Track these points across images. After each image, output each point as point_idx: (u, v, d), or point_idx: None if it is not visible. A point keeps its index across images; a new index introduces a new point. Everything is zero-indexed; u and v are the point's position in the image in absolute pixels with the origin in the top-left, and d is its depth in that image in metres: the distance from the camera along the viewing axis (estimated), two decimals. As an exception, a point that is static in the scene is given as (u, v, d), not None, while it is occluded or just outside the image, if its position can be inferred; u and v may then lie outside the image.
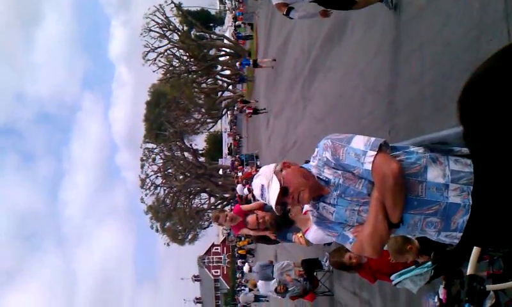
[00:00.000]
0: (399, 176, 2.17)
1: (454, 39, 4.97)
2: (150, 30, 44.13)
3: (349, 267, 5.13)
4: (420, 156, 2.31)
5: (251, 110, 33.74)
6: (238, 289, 47.92)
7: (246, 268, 31.45)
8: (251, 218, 5.93)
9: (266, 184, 2.48)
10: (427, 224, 2.29)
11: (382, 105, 7.17)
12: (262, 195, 2.52)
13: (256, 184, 2.56)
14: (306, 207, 2.82)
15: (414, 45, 5.97)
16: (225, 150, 67.04)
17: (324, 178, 2.43)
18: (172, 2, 45.11)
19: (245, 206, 6.85)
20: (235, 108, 46.39)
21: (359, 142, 2.30)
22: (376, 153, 2.21)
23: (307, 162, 7.61)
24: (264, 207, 6.23)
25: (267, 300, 28.18)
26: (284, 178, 2.45)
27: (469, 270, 3.26)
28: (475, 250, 3.20)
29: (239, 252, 48.91)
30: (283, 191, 2.42)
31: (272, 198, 2.44)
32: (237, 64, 38.05)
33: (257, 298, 30.76)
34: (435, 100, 5.33)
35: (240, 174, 35.51)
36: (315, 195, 2.47)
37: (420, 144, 3.08)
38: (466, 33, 4.72)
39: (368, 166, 2.22)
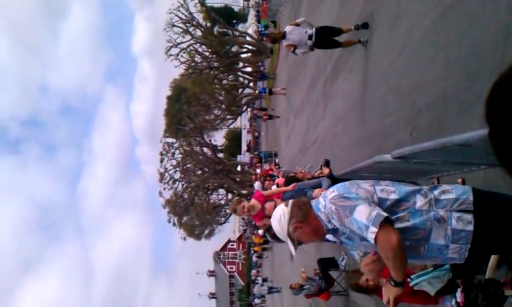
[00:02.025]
0: (398, 248, 2.38)
1: (480, 40, 4.90)
2: (174, 25, 44.38)
3: (367, 289, 5.07)
4: (424, 219, 2.52)
5: (267, 117, 39.65)
6: (254, 279, 48.45)
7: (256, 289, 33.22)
8: (269, 205, 5.94)
9: (283, 238, 2.81)
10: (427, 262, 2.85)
11: (404, 106, 7.10)
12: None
13: (274, 227, 2.85)
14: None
15: (440, 45, 5.90)
16: (244, 147, 67.12)
17: (333, 226, 2.67)
18: (196, -3, 45.28)
19: (266, 192, 6.87)
20: (254, 111, 47.28)
21: (361, 215, 2.46)
22: (377, 229, 2.38)
23: (327, 161, 7.57)
24: (283, 195, 6.24)
25: (280, 292, 28.43)
26: (297, 239, 2.76)
27: (487, 275, 3.23)
28: (494, 255, 3.17)
29: (255, 249, 49.09)
30: (298, 243, 2.78)
31: (291, 248, 2.80)
32: (257, 91, 43.40)
33: (270, 289, 31.64)
34: (459, 102, 5.26)
35: (258, 171, 35.49)
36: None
37: (442, 147, 3.07)
38: (493, 34, 4.65)
39: (371, 240, 2.42)
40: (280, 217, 2.77)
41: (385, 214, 2.41)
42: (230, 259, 75.13)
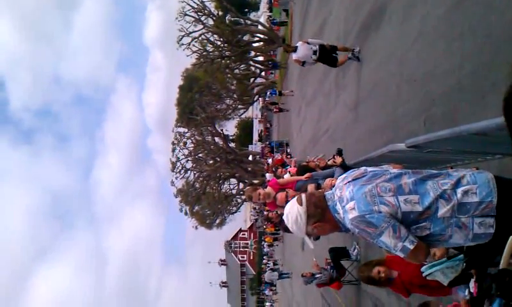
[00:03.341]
0: (424, 259, 2.70)
1: (495, 29, 4.85)
2: (185, 14, 44.33)
3: (379, 282, 5.06)
4: (445, 226, 2.48)
5: (278, 110, 42.63)
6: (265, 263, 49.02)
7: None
8: (280, 195, 5.96)
9: (300, 235, 2.81)
10: None
11: (418, 95, 7.05)
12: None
13: (288, 225, 2.82)
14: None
15: (454, 34, 5.84)
16: (256, 136, 67.10)
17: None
18: (208, -14, 45.16)
19: (281, 180, 6.90)
20: (266, 102, 48.06)
21: (388, 242, 2.49)
22: (405, 255, 2.50)
23: (339, 150, 7.51)
24: (296, 184, 6.25)
25: (290, 277, 28.59)
26: (316, 234, 2.85)
27: (502, 265, 3.21)
28: (509, 244, 3.15)
29: (266, 239, 49.24)
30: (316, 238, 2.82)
31: (309, 244, 2.84)
32: (268, 92, 45.13)
33: (281, 275, 32.01)
34: (473, 91, 5.22)
35: (270, 160, 35.50)
36: None
37: (457, 135, 3.05)
38: (508, 23, 4.60)
39: (401, 255, 2.52)
40: (297, 217, 2.69)
41: (411, 246, 2.47)
42: (241, 249, 75.45)
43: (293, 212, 2.71)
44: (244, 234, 75.97)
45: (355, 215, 2.49)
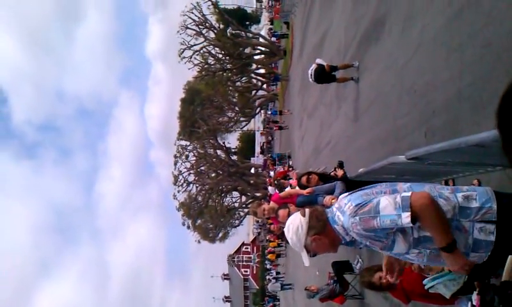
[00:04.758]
0: (433, 204, 2.37)
1: (495, 39, 4.83)
2: (187, 27, 44.59)
3: (380, 287, 5.03)
4: None
5: (277, 128, 45.03)
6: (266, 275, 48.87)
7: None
8: (282, 212, 5.91)
9: (298, 249, 2.77)
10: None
11: (419, 106, 7.03)
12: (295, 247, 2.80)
13: (288, 238, 2.80)
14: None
15: (454, 45, 5.83)
16: (258, 149, 67.07)
17: (351, 238, 2.65)
18: (209, 0, 45.43)
19: (283, 194, 6.86)
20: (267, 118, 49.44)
21: (388, 208, 2.41)
22: (409, 211, 2.35)
23: (340, 163, 7.51)
24: (297, 199, 6.20)
25: (292, 288, 28.44)
26: (313, 250, 2.75)
27: (504, 277, 3.17)
28: (511, 257, 3.11)
29: (269, 257, 49.02)
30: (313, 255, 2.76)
31: (305, 260, 2.77)
32: (269, 112, 48.38)
33: (283, 286, 31.92)
34: (474, 102, 5.19)
35: (272, 173, 35.48)
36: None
37: (457, 147, 3.01)
38: (507, 33, 4.58)
39: (408, 222, 2.36)
40: (298, 228, 2.71)
41: (408, 193, 2.41)
42: (244, 263, 75.07)
43: (295, 222, 2.75)
44: (247, 248, 75.63)
45: (352, 208, 2.54)
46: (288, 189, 10.21)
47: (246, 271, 74.84)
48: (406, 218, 2.35)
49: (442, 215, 2.39)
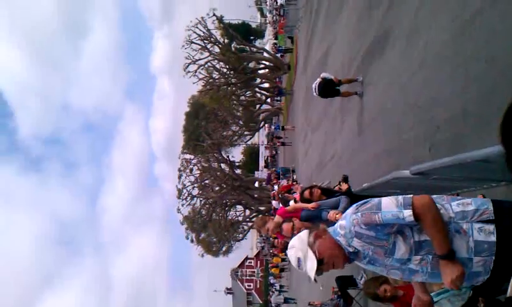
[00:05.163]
0: (434, 206, 2.43)
1: (499, 54, 4.84)
2: (192, 42, 44.85)
3: (383, 299, 5.07)
4: None
5: (280, 144, 46.40)
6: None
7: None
8: (286, 226, 5.91)
9: (302, 257, 2.66)
10: None
11: (423, 121, 7.03)
12: (299, 266, 2.69)
13: (292, 256, 2.73)
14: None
15: (458, 60, 5.85)
16: (262, 163, 67.08)
17: (354, 249, 2.61)
18: (214, 15, 45.79)
19: (289, 208, 6.86)
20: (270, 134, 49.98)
21: (389, 206, 2.46)
22: (411, 207, 2.40)
23: (345, 177, 7.51)
24: (301, 213, 6.19)
25: (295, 302, 28.22)
26: (318, 251, 2.64)
27: (509, 293, 3.14)
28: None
29: (272, 271, 48.87)
30: (319, 262, 2.61)
31: (310, 271, 2.62)
32: (272, 127, 49.49)
33: (286, 299, 31.70)
34: (478, 117, 5.19)
35: (276, 187, 35.44)
36: (347, 261, 2.71)
37: (461, 163, 3.01)
38: (512, 48, 4.59)
39: (410, 218, 2.39)
40: (299, 236, 2.75)
41: (410, 195, 2.46)
42: (247, 277, 74.66)
43: (297, 243, 2.75)
44: (251, 262, 75.26)
45: (353, 208, 2.59)
46: (292, 202, 10.21)
47: (250, 285, 74.39)
48: (407, 214, 2.39)
49: (442, 218, 2.43)
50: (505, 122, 0.96)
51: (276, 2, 46.90)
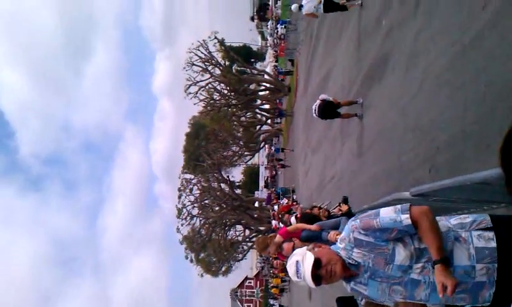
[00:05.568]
0: (431, 213, 2.49)
1: (498, 78, 4.93)
2: (193, 64, 45.23)
3: None
4: (444, 239, 2.49)
5: (280, 166, 47.25)
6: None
7: None
8: (287, 245, 5.94)
9: (301, 259, 2.70)
10: (457, 299, 2.48)
11: (423, 143, 7.09)
12: (297, 271, 2.71)
13: (291, 262, 2.77)
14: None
15: (457, 83, 5.94)
16: (262, 183, 67.04)
17: (354, 262, 2.64)
18: (215, 37, 46.23)
19: (290, 228, 6.89)
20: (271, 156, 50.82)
21: (387, 212, 2.56)
22: (408, 212, 2.48)
23: (345, 198, 7.57)
24: (301, 233, 6.22)
25: None
26: (317, 253, 2.70)
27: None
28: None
29: (272, 291, 48.61)
30: (317, 263, 2.63)
31: (307, 270, 2.65)
32: (272, 148, 50.70)
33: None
34: (478, 139, 5.25)
35: (276, 207, 35.35)
36: (346, 275, 2.71)
37: (461, 184, 3.07)
38: (510, 72, 4.67)
39: (408, 221, 2.47)
40: (300, 248, 2.82)
41: (408, 204, 2.56)
42: (247, 297, 73.99)
43: (297, 251, 2.83)
44: (251, 282, 74.67)
45: (352, 218, 2.71)
46: (293, 221, 10.22)
47: (249, 306, 73.69)
48: (405, 217, 2.47)
49: (438, 225, 2.50)
50: (504, 147, 1.01)
51: (277, 32, 47.46)
